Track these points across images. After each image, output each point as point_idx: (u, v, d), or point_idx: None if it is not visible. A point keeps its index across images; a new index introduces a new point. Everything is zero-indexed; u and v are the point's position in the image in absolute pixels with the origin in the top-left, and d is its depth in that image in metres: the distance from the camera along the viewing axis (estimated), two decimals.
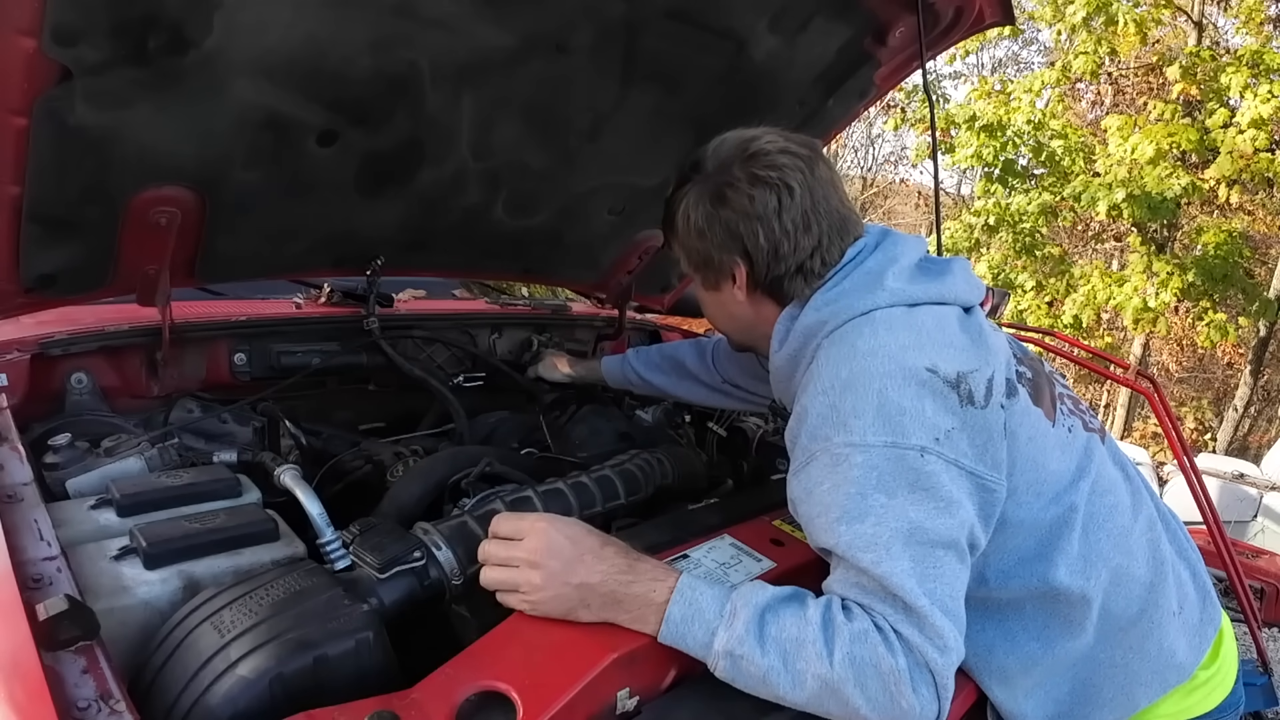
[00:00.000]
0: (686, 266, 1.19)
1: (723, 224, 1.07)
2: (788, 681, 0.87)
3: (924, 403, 0.93)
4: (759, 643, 0.87)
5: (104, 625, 0.79)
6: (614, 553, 0.96)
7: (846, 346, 0.99)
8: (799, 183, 1.05)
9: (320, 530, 1.07)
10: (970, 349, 1.02)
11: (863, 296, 1.03)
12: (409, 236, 1.78)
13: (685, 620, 0.90)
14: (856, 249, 1.09)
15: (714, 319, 1.26)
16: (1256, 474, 4.41)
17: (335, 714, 0.77)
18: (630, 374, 1.78)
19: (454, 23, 1.30)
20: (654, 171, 1.89)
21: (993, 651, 1.06)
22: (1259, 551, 2.11)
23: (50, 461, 1.25)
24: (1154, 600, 1.08)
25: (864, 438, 0.91)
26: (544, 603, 0.93)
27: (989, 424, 0.96)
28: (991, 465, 0.96)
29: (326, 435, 1.72)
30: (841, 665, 0.85)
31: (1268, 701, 1.90)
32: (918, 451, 0.91)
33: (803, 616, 0.89)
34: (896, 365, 0.95)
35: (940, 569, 0.90)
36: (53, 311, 1.53)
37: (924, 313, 1.04)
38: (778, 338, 1.11)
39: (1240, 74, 6.57)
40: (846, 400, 0.94)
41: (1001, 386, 1.00)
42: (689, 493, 1.59)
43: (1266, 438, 10.19)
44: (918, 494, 0.90)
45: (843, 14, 1.61)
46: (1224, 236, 7.35)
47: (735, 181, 1.06)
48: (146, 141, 1.23)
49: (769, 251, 1.06)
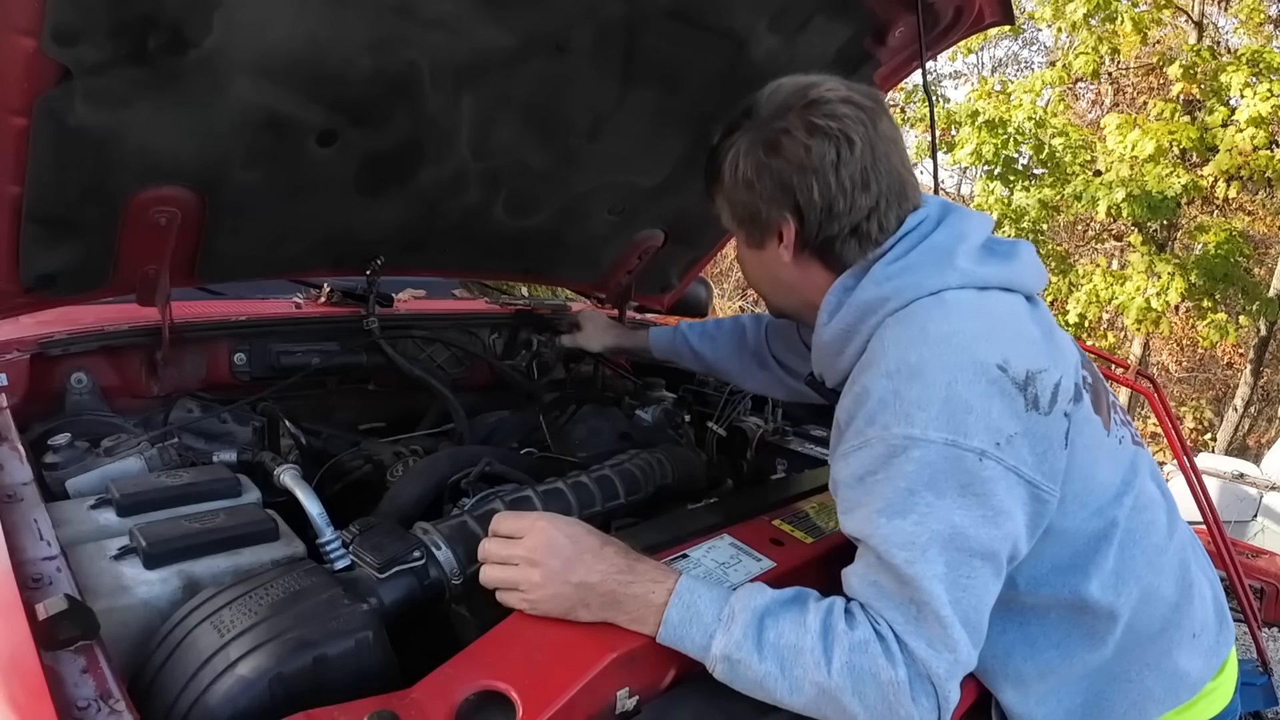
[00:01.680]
0: (729, 221, 1.12)
1: (774, 175, 1.00)
2: (785, 687, 0.87)
3: (992, 402, 0.88)
4: (756, 648, 0.87)
5: (104, 625, 0.79)
6: (614, 553, 0.95)
7: (916, 329, 0.93)
8: (860, 136, 0.97)
9: (320, 530, 1.07)
10: (1041, 345, 0.96)
11: (931, 275, 0.97)
12: (409, 236, 1.78)
13: (683, 623, 0.90)
14: (918, 219, 1.02)
15: (755, 280, 1.18)
16: (1256, 474, 4.41)
17: (335, 714, 0.77)
18: (681, 345, 1.67)
19: (454, 23, 1.30)
20: (654, 171, 1.89)
21: (1010, 655, 1.04)
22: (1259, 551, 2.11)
23: (50, 461, 1.25)
24: (1177, 621, 1.07)
25: (925, 432, 0.86)
26: (543, 601, 0.93)
27: (1051, 432, 0.91)
28: (1049, 475, 0.91)
29: (326, 435, 1.72)
30: (840, 674, 0.85)
31: (1268, 701, 1.90)
32: (977, 455, 0.86)
33: (802, 623, 0.88)
34: (969, 358, 0.89)
35: (973, 579, 0.88)
36: (53, 311, 1.53)
37: (995, 299, 0.98)
38: (827, 309, 1.04)
39: (1240, 72, 6.58)
40: (913, 388, 0.88)
41: (1069, 391, 0.95)
42: (689, 493, 1.58)
43: (1266, 438, 10.18)
44: (968, 499, 0.87)
45: (842, 14, 1.61)
46: (1224, 235, 7.35)
47: (791, 129, 0.98)
48: (146, 141, 1.23)
49: (822, 209, 0.99)
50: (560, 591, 0.92)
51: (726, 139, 1.07)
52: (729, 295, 13.33)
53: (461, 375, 2.09)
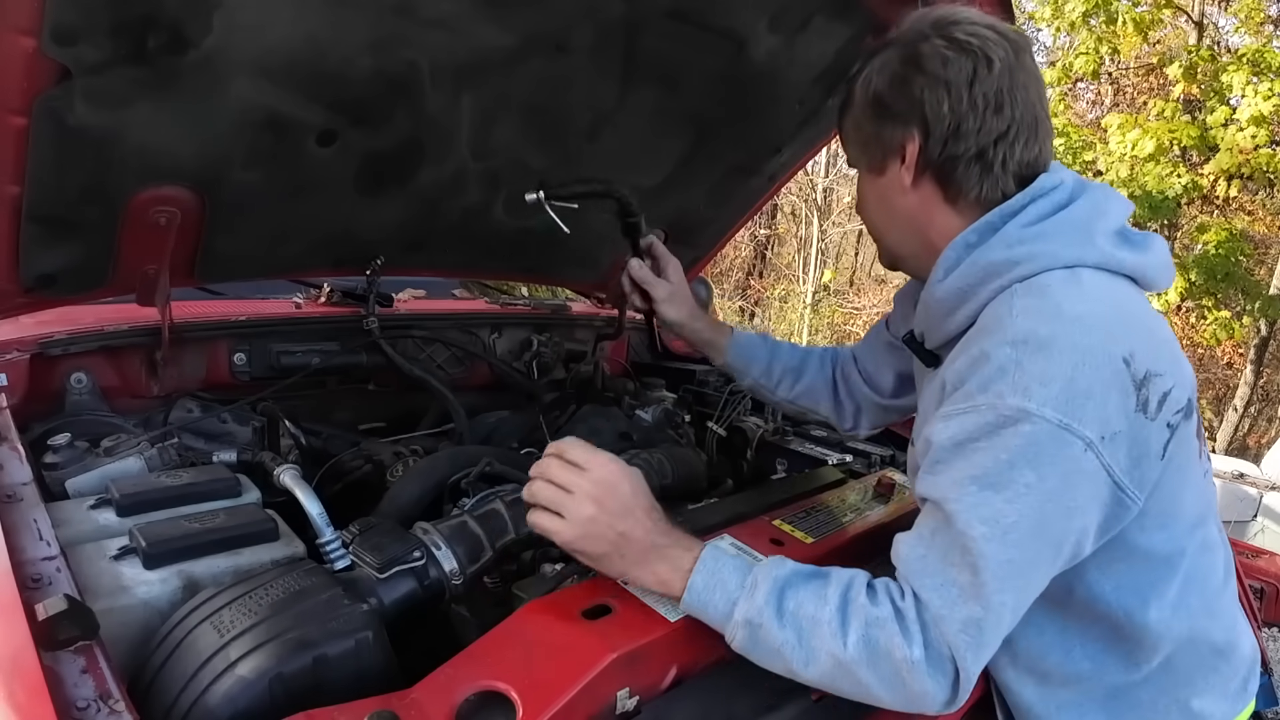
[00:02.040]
0: (853, 148, 1.10)
1: (906, 88, 0.99)
2: (801, 657, 0.87)
3: (1110, 394, 0.85)
4: (777, 615, 0.88)
5: (103, 625, 0.79)
6: (659, 516, 0.98)
7: (1050, 303, 0.89)
8: (1000, 59, 0.95)
9: (320, 530, 1.07)
10: (1164, 348, 0.92)
11: (1068, 246, 0.93)
12: (409, 236, 1.78)
13: (707, 589, 0.91)
14: (1052, 183, 0.98)
15: (872, 218, 1.13)
16: (1256, 474, 4.41)
17: (335, 714, 0.77)
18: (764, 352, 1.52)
19: (454, 23, 1.30)
20: (654, 171, 1.89)
21: (1046, 655, 1.03)
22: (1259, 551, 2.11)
23: (50, 461, 1.25)
24: (1215, 667, 1.05)
25: (1041, 409, 0.83)
26: (580, 539, 0.95)
27: (1149, 439, 0.88)
28: (1137, 482, 0.89)
29: (326, 435, 1.72)
30: (855, 647, 0.85)
31: (1268, 701, 1.89)
32: (1084, 444, 0.84)
33: (822, 595, 0.89)
34: (1101, 343, 0.86)
35: (1034, 571, 0.87)
36: (53, 311, 1.53)
37: (1125, 289, 0.96)
38: (945, 265, 1.00)
39: (1242, 72, 6.58)
40: (1038, 362, 0.85)
41: (1179, 404, 0.91)
42: (689, 493, 1.58)
43: (1266, 438, 10.18)
44: (1065, 488, 0.85)
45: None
46: (1225, 235, 7.35)
47: (931, 42, 0.97)
48: (146, 141, 1.23)
49: (950, 125, 0.96)
50: (603, 535, 0.94)
51: (865, 63, 1.06)
52: (729, 295, 13.34)
53: (461, 375, 2.09)
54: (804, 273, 12.55)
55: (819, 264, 12.30)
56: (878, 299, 12.55)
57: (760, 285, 14.25)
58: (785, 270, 14.00)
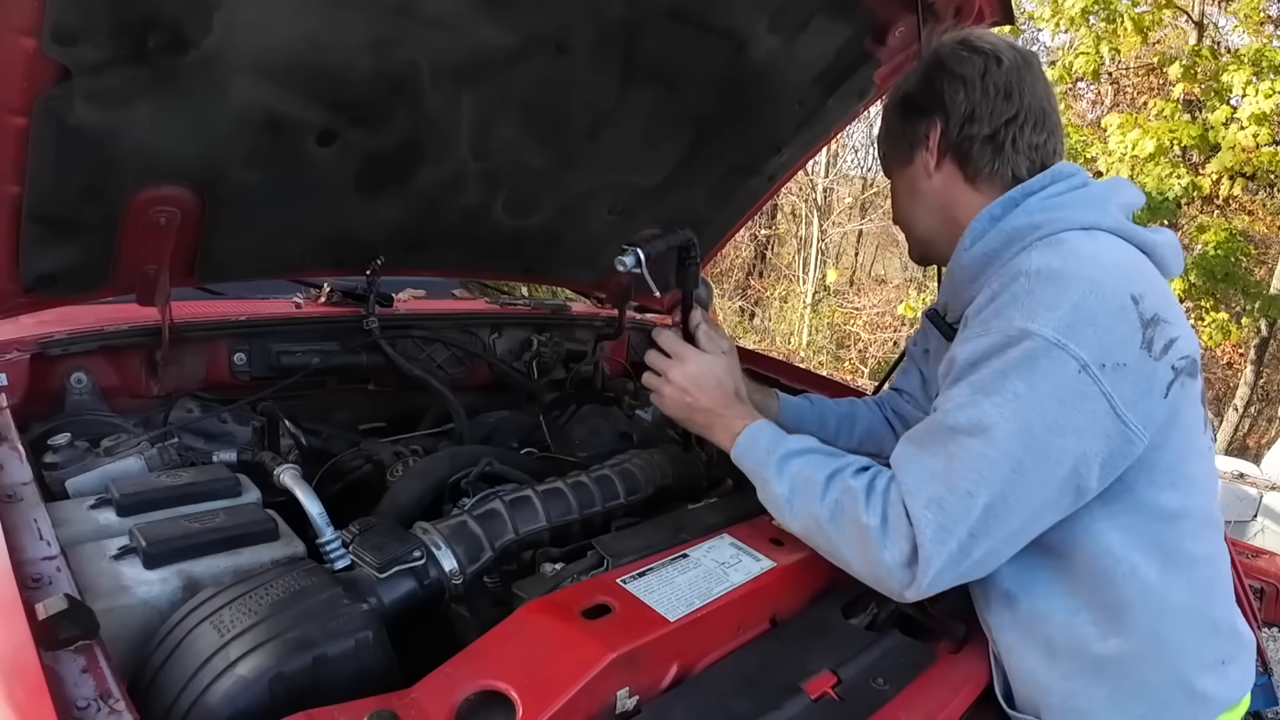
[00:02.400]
0: (886, 151, 1.26)
1: (930, 85, 1.16)
2: (789, 510, 1.07)
3: (1115, 325, 0.92)
4: (778, 473, 1.08)
5: (103, 625, 0.79)
6: (733, 396, 1.23)
7: (1067, 247, 0.98)
8: (1009, 59, 1.12)
9: (320, 530, 1.07)
10: (1171, 305, 0.99)
11: (1087, 212, 1.03)
12: (409, 236, 1.78)
13: (744, 449, 1.15)
14: (1071, 170, 1.11)
15: (903, 209, 1.27)
16: (1256, 474, 4.41)
17: (335, 713, 0.77)
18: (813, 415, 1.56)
19: (454, 23, 1.30)
20: (654, 171, 1.89)
21: (1049, 618, 1.04)
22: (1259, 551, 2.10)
23: (50, 461, 1.25)
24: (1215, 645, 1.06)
25: (1041, 328, 0.91)
26: (670, 406, 1.26)
27: (1155, 377, 0.94)
28: (1142, 418, 0.93)
29: (326, 435, 1.72)
30: (827, 507, 1.01)
31: (1268, 701, 1.89)
32: (1079, 365, 0.90)
33: (820, 464, 1.06)
34: (1110, 278, 0.94)
35: (1016, 479, 0.91)
36: (53, 311, 1.53)
37: (1139, 255, 1.04)
38: (971, 234, 1.10)
39: (1242, 71, 6.57)
40: (1047, 290, 0.93)
41: (1184, 353, 0.96)
42: (689, 493, 1.58)
43: (1266, 438, 10.18)
44: (1054, 402, 0.90)
45: (842, 13, 1.61)
46: (1225, 235, 7.35)
47: (950, 47, 1.15)
48: (146, 141, 1.23)
49: (966, 110, 1.12)
50: (684, 403, 1.23)
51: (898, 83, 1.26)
52: (729, 295, 13.33)
53: (461, 375, 2.09)
54: (804, 273, 12.56)
55: (819, 264, 12.29)
56: (878, 299, 12.54)
57: (760, 285, 14.25)
58: (785, 270, 14.00)
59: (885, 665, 1.04)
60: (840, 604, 1.18)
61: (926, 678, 1.05)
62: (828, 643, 1.07)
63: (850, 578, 1.04)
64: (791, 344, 11.91)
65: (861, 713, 0.95)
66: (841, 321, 12.34)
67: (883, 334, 11.76)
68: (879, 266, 14.95)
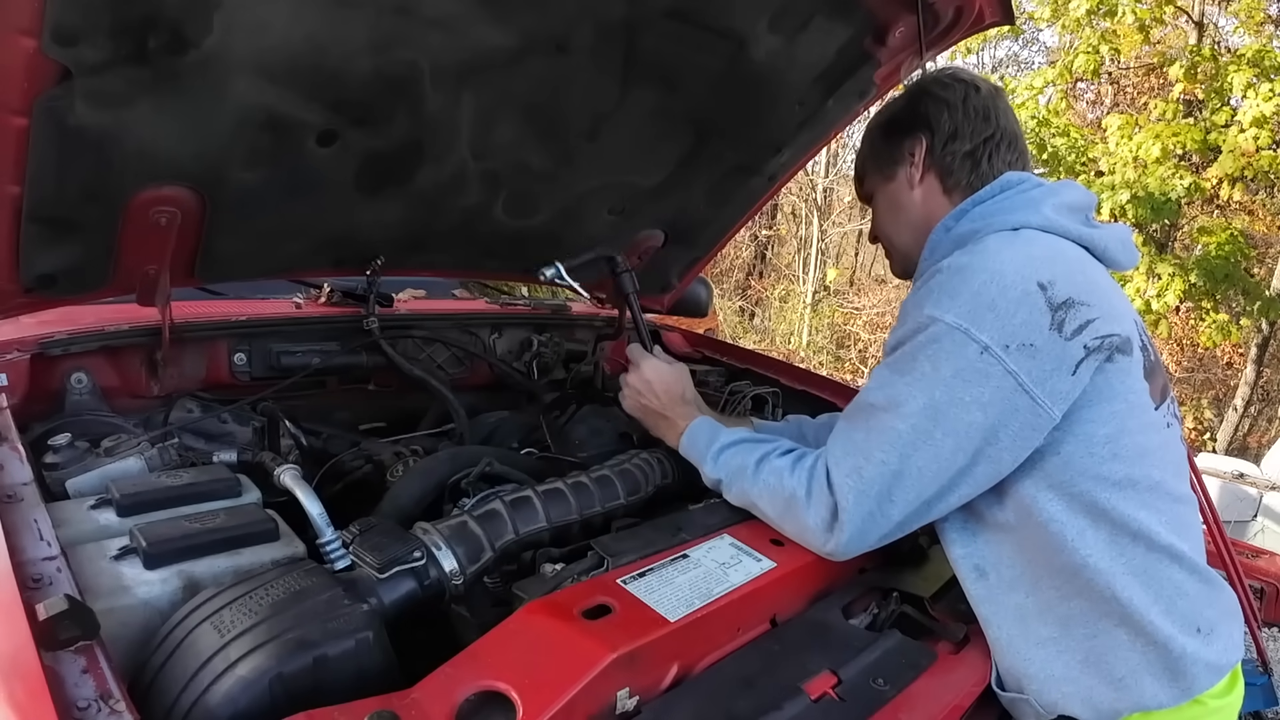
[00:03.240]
0: (870, 171, 1.36)
1: (915, 107, 1.27)
2: (727, 491, 1.25)
3: (1017, 310, 1.00)
4: (714, 464, 1.27)
5: (104, 625, 0.79)
6: (681, 400, 1.43)
7: (980, 245, 1.09)
8: (985, 89, 1.26)
9: (320, 530, 1.07)
10: (1094, 289, 1.06)
11: (1017, 214, 1.13)
12: (409, 236, 1.78)
13: (687, 444, 1.34)
14: (1020, 178, 1.20)
15: (886, 226, 1.36)
16: (1256, 474, 4.41)
17: (335, 714, 0.77)
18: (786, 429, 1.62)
19: (454, 23, 1.30)
20: (654, 171, 1.89)
21: (1015, 589, 1.09)
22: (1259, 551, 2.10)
23: (50, 461, 1.25)
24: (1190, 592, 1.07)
25: (943, 315, 1.02)
26: (629, 406, 1.48)
27: (1063, 356, 1.00)
28: (1049, 393, 1.00)
29: (326, 435, 1.72)
30: (759, 485, 1.18)
31: (1268, 701, 1.90)
32: (980, 348, 0.99)
33: (750, 451, 1.22)
34: (1012, 269, 1.02)
35: (926, 446, 1.02)
36: (53, 311, 1.53)
37: (1069, 246, 1.12)
38: (930, 245, 1.22)
39: (1243, 72, 6.56)
40: (953, 282, 1.04)
41: (1102, 333, 1.02)
42: (689, 493, 1.58)
43: (1266, 438, 10.18)
44: (957, 382, 1.00)
45: (842, 14, 1.61)
46: (1225, 236, 7.34)
47: (932, 79, 1.29)
48: (146, 141, 1.23)
49: (950, 129, 1.24)
50: (641, 404, 1.45)
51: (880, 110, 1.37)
52: (729, 295, 13.34)
53: (461, 375, 2.09)
54: (804, 273, 12.56)
55: (819, 264, 12.30)
56: (877, 299, 12.55)
57: (760, 285, 14.25)
58: (785, 270, 14.01)
59: (885, 666, 1.04)
60: (840, 604, 1.18)
61: (927, 678, 1.06)
62: (828, 643, 1.07)
63: (850, 578, 1.04)
64: (791, 344, 11.91)
65: (862, 713, 0.95)
66: (841, 321, 12.35)
67: (882, 334, 11.75)
68: (879, 266, 14.95)
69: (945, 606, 1.22)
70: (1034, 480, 1.05)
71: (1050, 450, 1.04)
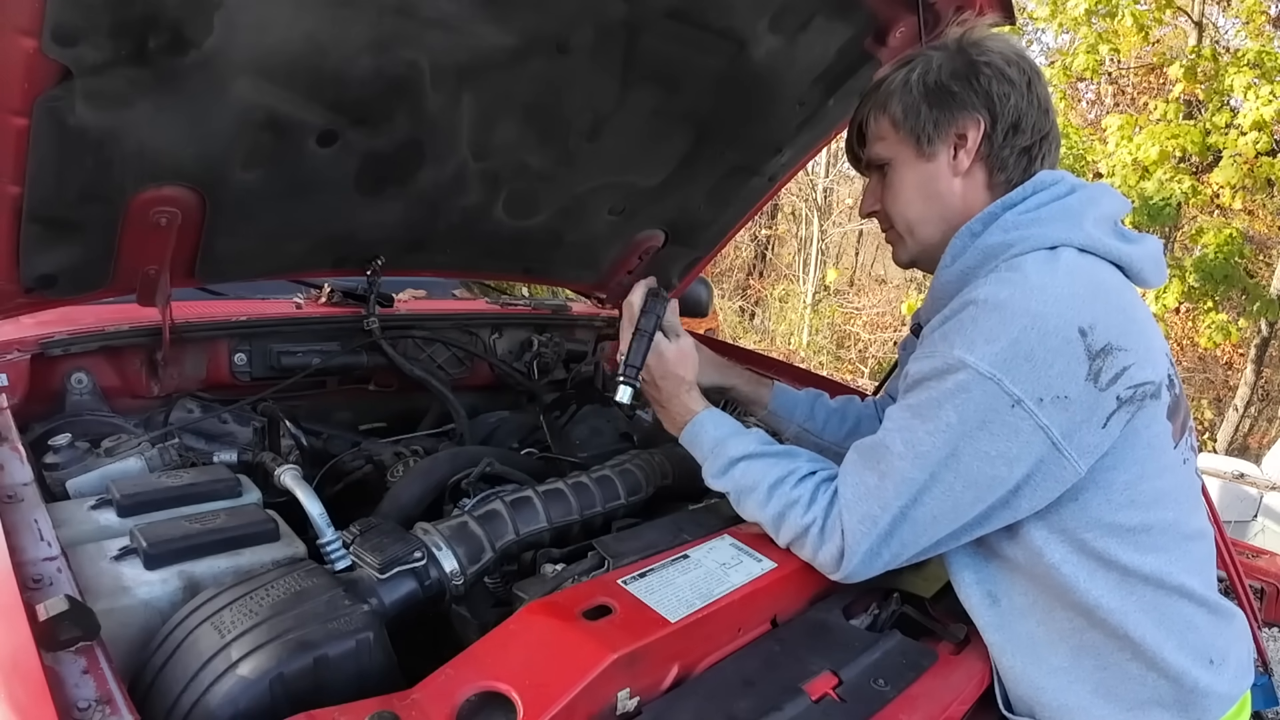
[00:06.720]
0: (900, 130, 1.14)
1: (975, 79, 1.08)
2: (735, 504, 1.17)
3: (1055, 361, 0.92)
4: (721, 476, 1.18)
5: (104, 626, 0.79)
6: (686, 387, 1.28)
7: (1020, 273, 0.98)
8: (1039, 76, 1.10)
9: (320, 530, 1.07)
10: (1134, 328, 0.98)
11: (1056, 229, 1.02)
12: (409, 236, 1.78)
13: (690, 438, 1.24)
14: (1053, 179, 1.08)
15: (906, 207, 1.17)
16: (1256, 474, 4.40)
17: (335, 714, 0.77)
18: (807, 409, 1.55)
19: (454, 23, 1.30)
20: (654, 171, 1.89)
21: (1027, 617, 1.06)
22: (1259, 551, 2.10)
23: (50, 461, 1.25)
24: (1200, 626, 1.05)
25: (977, 362, 0.93)
26: (649, 391, 1.30)
27: (1095, 407, 0.94)
28: (1077, 446, 0.94)
29: (326, 435, 1.73)
30: (770, 512, 1.11)
31: (1268, 701, 1.89)
32: (1012, 401, 0.92)
33: (763, 473, 1.12)
34: (1055, 312, 0.93)
35: (946, 500, 0.97)
36: (53, 311, 1.53)
37: (1109, 271, 1.03)
38: (952, 253, 1.10)
39: (1243, 74, 6.56)
40: (990, 320, 0.95)
41: (1137, 381, 0.96)
42: (689, 493, 1.58)
43: (1266, 438, 10.18)
44: (984, 433, 0.94)
45: (843, 14, 1.60)
46: (1224, 237, 7.34)
47: (994, 51, 1.09)
48: (146, 141, 1.23)
49: (1013, 118, 1.08)
50: (651, 394, 1.30)
51: (903, 64, 1.15)
52: (729, 295, 13.34)
53: (462, 375, 2.09)
54: (804, 273, 12.56)
55: (819, 264, 12.30)
56: (878, 299, 12.55)
57: (760, 285, 14.25)
58: (785, 270, 14.01)
59: (886, 666, 1.04)
60: (841, 605, 1.17)
61: (927, 679, 1.05)
62: (829, 643, 1.07)
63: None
64: (791, 344, 11.91)
65: (862, 713, 0.95)
66: (841, 321, 12.35)
67: (883, 334, 11.76)
68: (879, 266, 14.95)
69: (946, 607, 1.22)
70: (1047, 525, 1.01)
71: (1069, 497, 0.99)
